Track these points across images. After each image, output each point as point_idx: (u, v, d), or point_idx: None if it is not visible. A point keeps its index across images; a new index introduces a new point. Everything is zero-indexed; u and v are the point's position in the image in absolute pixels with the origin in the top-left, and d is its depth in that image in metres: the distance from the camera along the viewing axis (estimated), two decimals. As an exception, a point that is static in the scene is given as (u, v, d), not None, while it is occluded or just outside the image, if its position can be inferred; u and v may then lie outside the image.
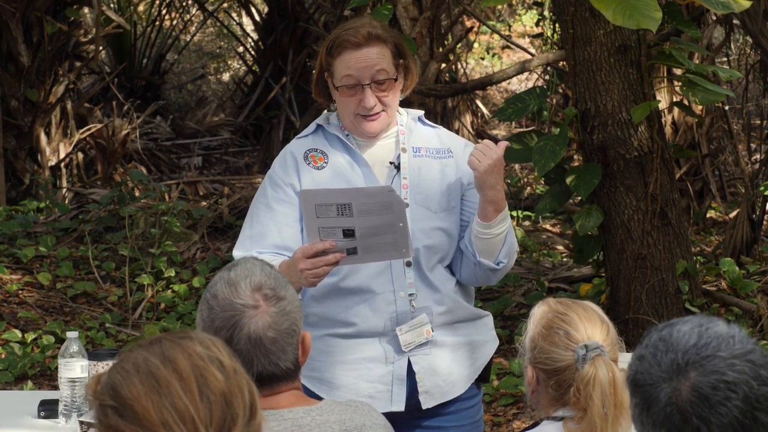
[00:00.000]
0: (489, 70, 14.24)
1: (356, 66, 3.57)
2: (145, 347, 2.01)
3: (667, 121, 8.81)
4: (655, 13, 4.79)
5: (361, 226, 3.42)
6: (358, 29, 3.59)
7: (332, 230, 3.43)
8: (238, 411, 1.98)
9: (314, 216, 3.42)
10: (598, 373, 2.81)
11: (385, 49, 3.60)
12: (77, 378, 3.73)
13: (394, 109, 3.65)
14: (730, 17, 7.87)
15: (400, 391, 3.59)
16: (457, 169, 3.66)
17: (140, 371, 1.97)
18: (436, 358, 3.62)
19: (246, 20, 13.97)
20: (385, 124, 3.64)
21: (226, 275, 2.69)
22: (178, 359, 1.98)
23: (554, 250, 8.52)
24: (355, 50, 3.58)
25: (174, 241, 8.19)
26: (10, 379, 6.58)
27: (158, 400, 1.94)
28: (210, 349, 2.01)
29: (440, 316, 3.62)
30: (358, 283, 3.57)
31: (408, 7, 8.41)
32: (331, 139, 3.67)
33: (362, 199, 3.40)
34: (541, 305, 2.96)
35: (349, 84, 3.58)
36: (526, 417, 6.03)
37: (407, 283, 3.59)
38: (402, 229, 3.43)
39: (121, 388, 1.96)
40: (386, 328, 3.58)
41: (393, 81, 3.60)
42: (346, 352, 3.60)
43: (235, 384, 1.99)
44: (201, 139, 11.96)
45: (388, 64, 3.60)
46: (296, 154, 3.66)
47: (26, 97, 9.46)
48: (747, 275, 7.10)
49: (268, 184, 3.66)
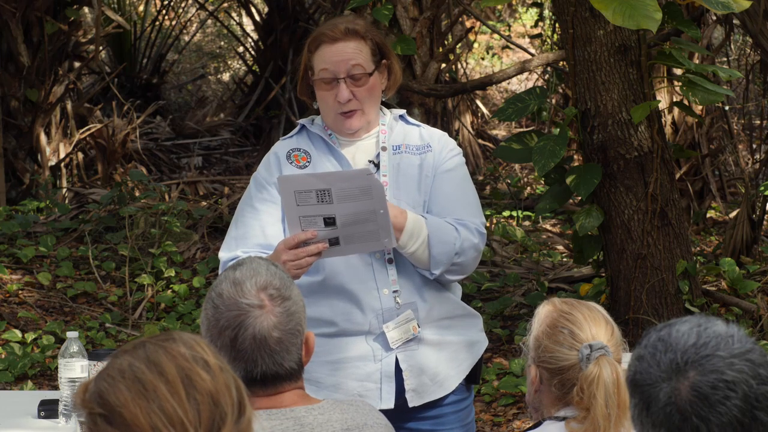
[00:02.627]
0: (489, 70, 14.24)
1: (331, 60, 3.59)
2: (129, 352, 2.01)
3: (667, 121, 8.81)
4: (655, 13, 4.79)
5: (341, 213, 3.42)
6: (337, 24, 3.63)
7: (313, 219, 3.44)
8: (226, 409, 1.99)
9: (294, 204, 3.43)
10: (602, 372, 2.81)
11: (362, 45, 3.62)
12: (77, 378, 3.73)
13: (372, 107, 3.65)
14: (730, 17, 7.87)
15: (389, 389, 3.59)
16: (433, 162, 3.67)
17: (126, 377, 1.97)
18: (423, 355, 3.62)
19: (246, 20, 13.97)
20: (364, 122, 3.65)
21: (231, 274, 2.69)
22: (162, 362, 1.98)
23: (554, 250, 8.52)
24: (331, 44, 3.60)
25: (174, 241, 8.19)
26: (10, 379, 6.58)
27: (146, 405, 1.95)
28: (194, 350, 2.01)
29: (426, 312, 3.62)
30: (341, 281, 3.58)
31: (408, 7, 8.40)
32: (315, 139, 3.70)
33: (341, 183, 3.41)
34: (546, 305, 2.96)
35: (325, 78, 3.60)
36: (526, 417, 6.03)
37: (390, 279, 3.58)
38: (383, 216, 3.43)
39: (108, 396, 1.97)
40: (372, 325, 3.58)
41: (368, 76, 3.61)
42: (333, 352, 3.60)
43: (222, 382, 2.00)
44: (201, 139, 11.96)
45: (365, 60, 3.61)
46: (279, 155, 3.69)
47: (26, 97, 9.46)
48: (747, 275, 7.10)
49: (253, 184, 3.69)
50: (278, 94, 11.72)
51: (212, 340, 2.65)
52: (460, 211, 3.64)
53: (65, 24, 9.58)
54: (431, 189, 3.65)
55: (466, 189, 3.70)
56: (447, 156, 3.69)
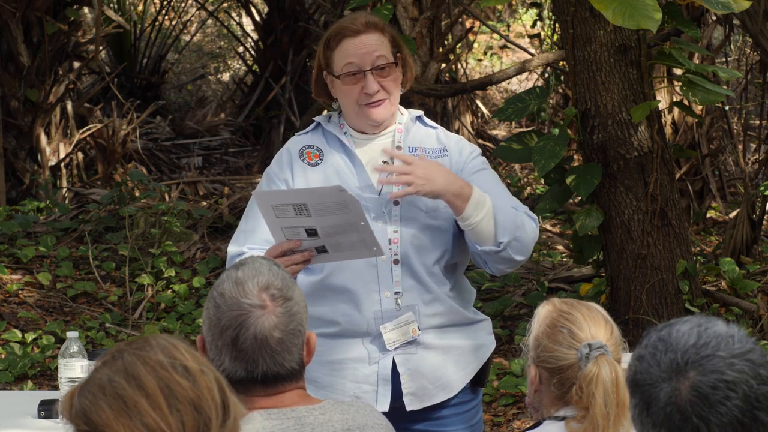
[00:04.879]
0: (489, 70, 14.24)
1: (356, 53, 3.57)
2: (108, 364, 2.02)
3: (667, 121, 8.81)
4: (655, 13, 4.79)
5: (322, 225, 3.40)
6: (356, 18, 3.61)
7: (295, 230, 3.43)
8: (210, 414, 1.99)
9: (274, 216, 3.42)
10: (601, 372, 2.82)
11: (383, 38, 3.61)
12: (77, 378, 3.73)
13: (396, 98, 3.63)
14: (730, 17, 7.87)
15: (386, 392, 3.56)
16: (450, 166, 3.64)
17: (107, 393, 1.98)
18: (424, 359, 3.57)
19: (246, 20, 13.97)
20: (390, 113, 3.62)
21: (233, 274, 2.69)
22: (141, 375, 1.99)
23: (554, 250, 8.52)
24: (354, 37, 3.58)
25: (174, 241, 8.19)
26: (10, 379, 6.58)
27: (128, 422, 1.96)
28: (172, 356, 2.02)
29: (430, 317, 3.57)
30: (343, 281, 3.55)
31: (408, 7, 8.41)
32: (330, 137, 3.67)
33: (315, 199, 3.38)
34: (546, 304, 2.97)
35: (350, 71, 3.58)
36: (526, 417, 6.03)
37: (394, 281, 3.54)
38: (364, 227, 3.40)
39: (91, 415, 1.98)
40: (370, 327, 3.54)
41: (394, 66, 3.59)
42: (331, 352, 3.57)
43: (204, 386, 2.01)
44: (201, 139, 11.95)
45: (387, 51, 3.60)
46: (292, 151, 3.67)
47: (26, 97, 9.46)
48: (747, 275, 7.10)
49: (265, 180, 3.68)
50: (278, 94, 11.72)
51: (213, 339, 2.65)
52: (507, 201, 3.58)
53: (65, 24, 9.58)
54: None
55: (502, 185, 3.66)
56: (470, 158, 3.65)
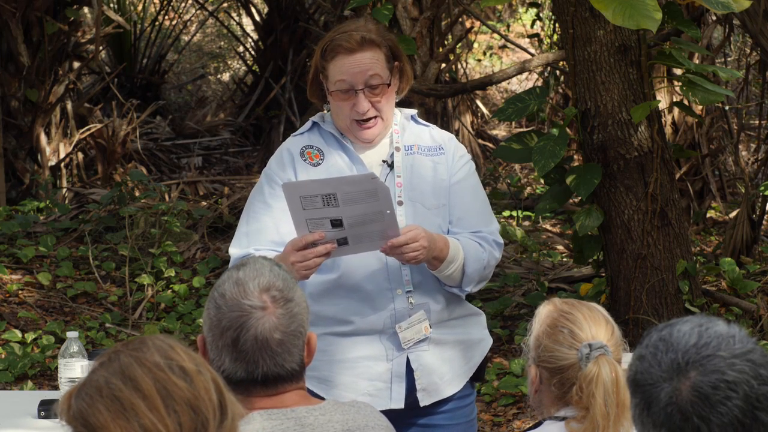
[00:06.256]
0: (489, 70, 14.23)
1: (349, 71, 3.57)
2: (105, 365, 2.02)
3: (667, 121, 8.81)
4: (655, 13, 4.79)
5: (348, 215, 3.41)
6: (352, 34, 3.59)
7: (320, 221, 3.43)
8: (207, 415, 2.00)
9: (300, 208, 3.42)
10: (601, 372, 2.82)
11: (378, 54, 3.60)
12: (77, 378, 3.73)
13: (389, 114, 3.65)
14: (730, 17, 7.87)
15: (400, 389, 3.60)
16: (447, 167, 3.67)
17: (104, 395, 1.99)
18: (434, 355, 3.63)
19: (246, 20, 13.96)
20: (381, 131, 3.64)
21: (234, 275, 2.68)
22: (138, 377, 1.99)
23: (554, 250, 8.52)
24: (348, 55, 3.58)
25: (174, 241, 8.19)
26: (10, 379, 6.58)
27: (126, 424, 1.96)
28: (169, 357, 2.02)
29: (437, 313, 3.63)
30: (356, 281, 3.58)
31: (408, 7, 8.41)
32: (327, 136, 3.68)
33: (346, 187, 3.39)
34: (547, 304, 2.97)
35: (342, 89, 3.59)
36: (526, 417, 6.03)
37: (404, 280, 3.59)
38: (390, 216, 3.43)
39: (89, 417, 1.99)
40: (386, 325, 3.58)
41: (386, 86, 3.61)
42: (345, 351, 3.60)
43: (201, 387, 2.01)
44: (201, 139, 11.95)
45: (382, 68, 3.60)
46: (292, 151, 3.67)
47: (26, 97, 9.46)
48: (747, 275, 7.10)
49: (265, 181, 3.66)
50: (278, 94, 11.72)
51: (214, 340, 2.65)
52: (475, 221, 3.67)
53: (65, 24, 9.58)
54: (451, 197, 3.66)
55: (480, 197, 3.72)
56: (459, 164, 3.70)
